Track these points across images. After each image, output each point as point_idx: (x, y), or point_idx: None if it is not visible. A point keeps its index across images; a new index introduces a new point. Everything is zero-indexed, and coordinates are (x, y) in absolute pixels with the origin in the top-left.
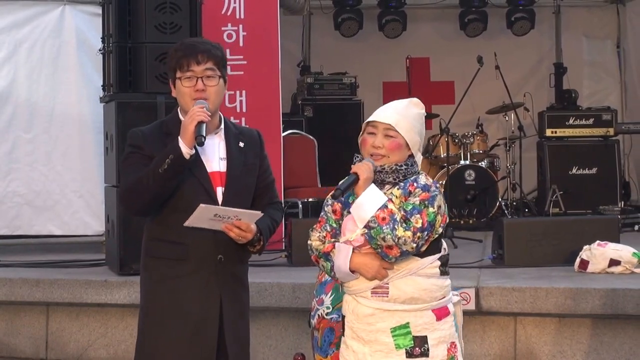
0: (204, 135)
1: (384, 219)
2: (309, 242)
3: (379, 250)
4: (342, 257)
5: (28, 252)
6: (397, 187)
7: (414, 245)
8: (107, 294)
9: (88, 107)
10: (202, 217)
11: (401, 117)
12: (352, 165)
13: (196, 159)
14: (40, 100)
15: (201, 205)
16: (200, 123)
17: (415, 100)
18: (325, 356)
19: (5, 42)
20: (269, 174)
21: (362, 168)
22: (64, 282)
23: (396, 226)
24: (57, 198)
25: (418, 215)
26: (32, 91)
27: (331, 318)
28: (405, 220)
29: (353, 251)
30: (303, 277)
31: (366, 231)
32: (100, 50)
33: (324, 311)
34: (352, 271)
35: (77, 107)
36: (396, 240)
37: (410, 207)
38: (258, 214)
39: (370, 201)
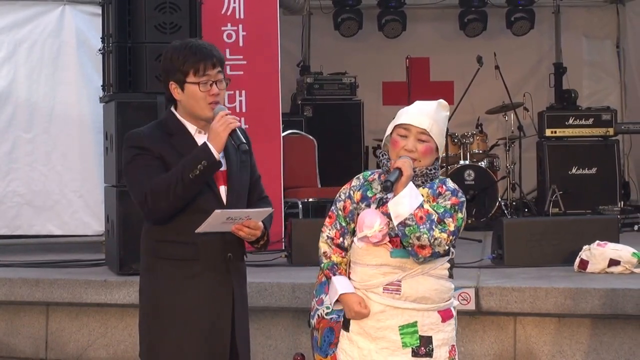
0: (244, 141)
1: (421, 218)
2: (320, 243)
3: (410, 249)
4: (332, 292)
5: (28, 252)
6: (424, 187)
7: (446, 248)
8: (106, 294)
9: (88, 107)
10: (215, 222)
11: (434, 122)
12: (393, 161)
13: None
14: (40, 100)
15: (216, 211)
16: (233, 131)
17: (443, 102)
18: (325, 356)
19: (5, 42)
20: (256, 170)
21: (406, 165)
22: (64, 282)
23: (433, 227)
24: (56, 198)
25: (450, 219)
26: (32, 91)
27: (331, 318)
28: (440, 222)
29: (341, 294)
30: (302, 277)
31: (382, 227)
32: (100, 50)
33: (323, 311)
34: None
35: (77, 107)
36: (432, 241)
37: (442, 209)
38: (268, 210)
39: (409, 199)
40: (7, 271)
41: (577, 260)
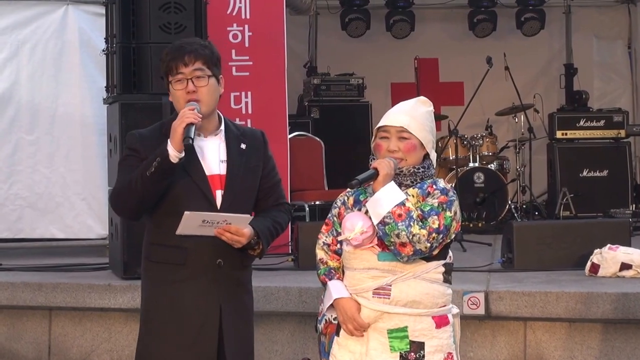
0: (192, 137)
1: (400, 215)
2: (316, 250)
3: (392, 247)
4: (327, 297)
5: (30, 256)
6: (414, 187)
7: (428, 245)
8: (110, 298)
9: (91, 109)
10: (190, 224)
11: (411, 118)
12: (373, 162)
13: (194, 161)
14: (43, 101)
15: (186, 212)
16: (189, 125)
17: (422, 98)
18: None
19: (7, 42)
20: (274, 175)
21: (383, 164)
22: (67, 286)
23: (412, 223)
24: (59, 201)
25: (435, 217)
26: (35, 92)
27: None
28: (422, 219)
29: (336, 299)
30: (310, 281)
31: (365, 229)
32: (103, 50)
33: (331, 316)
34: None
35: (80, 108)
36: (410, 237)
37: (428, 207)
38: (247, 217)
39: (387, 197)
40: (9, 275)
41: (588, 264)
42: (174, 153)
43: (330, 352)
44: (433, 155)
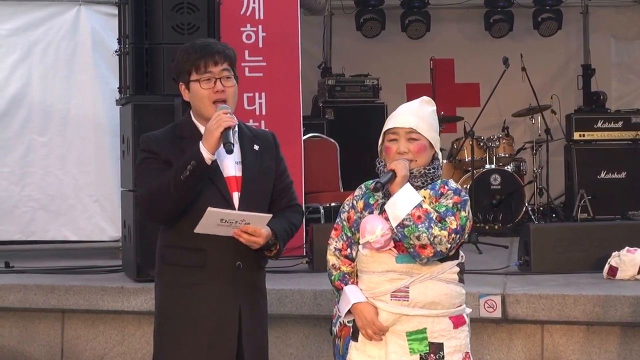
0: (232, 142)
1: (419, 217)
2: (327, 256)
3: (411, 250)
4: (344, 302)
5: (43, 258)
6: (425, 188)
7: (448, 246)
8: (123, 301)
9: (104, 110)
10: (210, 222)
11: (419, 118)
12: (386, 164)
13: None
14: (55, 102)
15: (209, 209)
16: (227, 129)
17: (426, 98)
18: None
19: (19, 43)
20: (286, 177)
21: (400, 166)
22: (80, 289)
23: (432, 225)
24: (72, 202)
25: (452, 217)
26: (47, 93)
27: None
28: (441, 220)
29: (354, 304)
30: (324, 284)
31: (385, 232)
32: (116, 51)
33: (346, 318)
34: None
35: (92, 109)
36: (431, 239)
37: (443, 208)
38: (267, 216)
39: (406, 199)
40: (22, 277)
41: (606, 266)
42: (208, 155)
43: (347, 357)
44: (440, 157)
